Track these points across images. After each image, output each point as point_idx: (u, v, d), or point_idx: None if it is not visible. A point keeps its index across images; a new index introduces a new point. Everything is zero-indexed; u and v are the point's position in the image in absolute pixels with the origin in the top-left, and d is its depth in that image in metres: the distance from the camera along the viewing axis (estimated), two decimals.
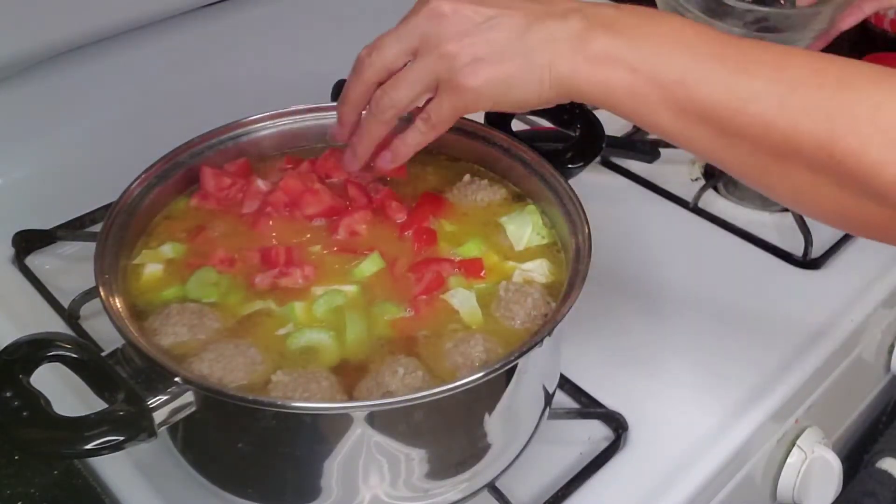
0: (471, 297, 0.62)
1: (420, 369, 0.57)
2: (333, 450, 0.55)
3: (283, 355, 0.58)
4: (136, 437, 0.50)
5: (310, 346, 0.59)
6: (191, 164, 0.69)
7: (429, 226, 0.68)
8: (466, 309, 0.62)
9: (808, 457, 0.80)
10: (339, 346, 0.59)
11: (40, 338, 0.52)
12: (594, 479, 0.66)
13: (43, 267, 0.83)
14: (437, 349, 0.59)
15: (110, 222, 0.62)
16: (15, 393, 0.49)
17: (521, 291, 0.62)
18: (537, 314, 0.61)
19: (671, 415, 0.72)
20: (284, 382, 0.55)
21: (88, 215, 0.87)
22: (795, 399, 0.76)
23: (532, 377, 0.61)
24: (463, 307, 0.62)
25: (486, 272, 0.65)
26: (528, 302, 0.61)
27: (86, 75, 0.91)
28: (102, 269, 0.59)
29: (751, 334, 0.79)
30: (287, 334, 0.59)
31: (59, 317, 0.77)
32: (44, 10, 0.82)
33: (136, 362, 0.52)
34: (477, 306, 0.62)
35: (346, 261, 0.65)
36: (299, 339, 0.59)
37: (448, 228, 0.69)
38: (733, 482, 0.74)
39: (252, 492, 0.59)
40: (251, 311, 0.61)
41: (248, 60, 1.03)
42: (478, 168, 0.74)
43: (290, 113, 0.73)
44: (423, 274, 0.64)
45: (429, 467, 0.57)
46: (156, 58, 0.95)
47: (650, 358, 0.77)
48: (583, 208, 0.64)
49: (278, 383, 0.55)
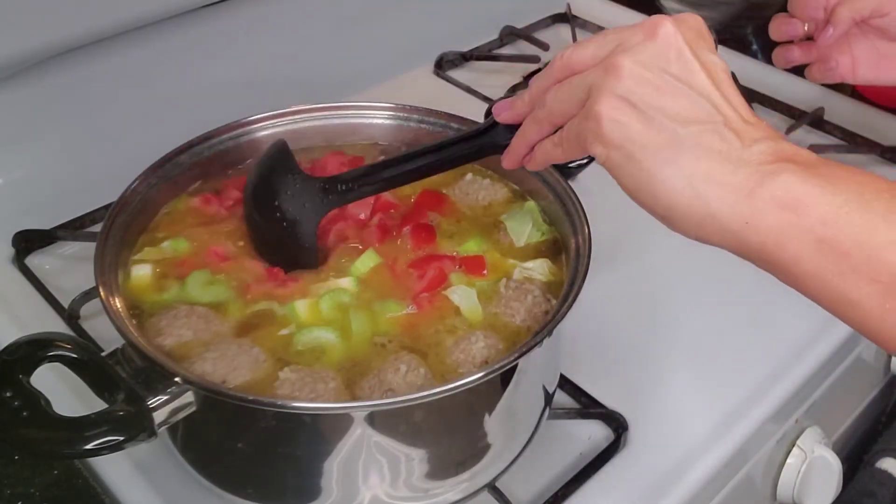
0: (472, 294, 0.63)
1: (422, 367, 0.57)
2: (333, 450, 0.55)
3: (287, 354, 0.58)
4: (136, 437, 0.50)
5: (316, 345, 0.59)
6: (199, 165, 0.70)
7: (427, 222, 0.68)
8: (467, 306, 0.62)
9: (807, 457, 0.80)
10: (344, 344, 0.59)
11: (40, 338, 0.52)
12: (594, 479, 0.66)
13: (43, 267, 0.83)
14: (439, 346, 0.59)
15: (110, 222, 0.62)
16: (15, 393, 0.49)
17: (522, 289, 0.62)
18: (538, 311, 0.61)
19: (671, 415, 0.72)
20: (292, 380, 0.55)
21: (88, 215, 0.87)
22: (795, 399, 0.76)
23: (532, 377, 0.61)
24: (464, 304, 0.62)
25: (487, 270, 0.65)
26: (528, 299, 0.62)
27: (86, 75, 0.91)
28: (102, 269, 0.59)
29: (751, 334, 0.79)
30: (291, 334, 0.60)
31: (59, 317, 0.77)
32: (44, 10, 0.82)
33: (136, 362, 0.52)
34: (478, 303, 0.62)
35: (342, 255, 0.66)
36: (304, 338, 0.59)
37: (448, 226, 0.69)
38: (733, 482, 0.74)
39: (252, 492, 0.59)
40: (254, 311, 0.61)
41: (248, 60, 1.03)
42: (479, 167, 0.74)
43: (290, 113, 0.73)
44: (426, 270, 0.64)
45: (429, 467, 0.57)
46: (155, 58, 0.95)
47: (650, 358, 0.77)
48: (583, 208, 0.64)
49: (286, 381, 0.55)
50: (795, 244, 0.46)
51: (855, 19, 0.81)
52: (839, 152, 1.02)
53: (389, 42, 1.13)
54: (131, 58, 0.94)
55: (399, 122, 0.75)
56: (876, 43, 0.84)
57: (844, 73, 0.85)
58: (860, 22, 0.82)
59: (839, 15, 0.81)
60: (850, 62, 0.85)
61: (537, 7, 1.27)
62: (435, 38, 1.17)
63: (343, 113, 0.75)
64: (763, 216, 0.47)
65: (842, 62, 0.85)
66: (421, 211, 0.69)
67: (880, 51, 0.84)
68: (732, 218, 0.47)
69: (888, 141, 1.03)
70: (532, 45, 1.19)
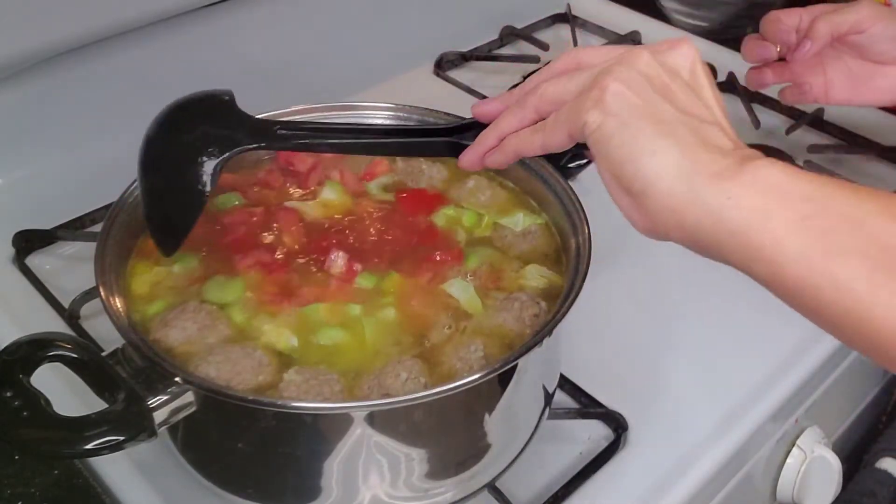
0: (469, 287, 0.63)
1: (422, 376, 0.57)
2: (333, 450, 0.55)
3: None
4: (136, 437, 0.50)
5: (331, 344, 0.59)
6: None
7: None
8: (466, 298, 0.62)
9: (807, 457, 0.80)
10: (357, 346, 0.59)
11: (40, 338, 0.52)
12: (594, 479, 0.66)
13: (43, 267, 0.83)
14: (438, 344, 0.60)
15: (110, 222, 0.62)
16: (15, 393, 0.49)
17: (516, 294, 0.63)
18: (528, 314, 0.61)
19: (671, 415, 0.72)
20: (297, 382, 0.55)
21: (88, 215, 0.87)
22: (795, 399, 0.76)
23: (532, 377, 0.61)
24: (462, 296, 0.63)
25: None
26: (522, 299, 0.62)
27: (86, 75, 0.91)
28: (102, 269, 0.59)
29: (751, 334, 0.79)
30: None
31: (59, 317, 0.77)
32: (44, 10, 0.82)
33: (136, 362, 0.52)
34: (476, 295, 0.63)
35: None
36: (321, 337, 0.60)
37: (444, 220, 0.69)
38: (733, 482, 0.74)
39: (252, 492, 0.59)
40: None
41: (248, 60, 1.03)
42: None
43: (290, 113, 0.73)
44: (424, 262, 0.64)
45: (429, 467, 0.57)
46: (155, 58, 0.95)
47: (650, 358, 0.77)
48: (583, 208, 0.64)
49: (290, 382, 0.55)
50: (779, 220, 0.45)
51: (833, 35, 0.81)
52: (839, 152, 1.02)
53: (389, 42, 1.13)
54: (131, 58, 0.94)
55: (399, 122, 0.75)
56: (850, 64, 0.84)
57: (818, 95, 0.85)
58: (837, 39, 0.82)
59: (818, 30, 0.81)
60: (824, 84, 0.85)
61: (537, 7, 1.27)
62: (435, 38, 1.17)
63: (343, 113, 0.75)
64: (747, 191, 0.46)
65: (815, 84, 0.85)
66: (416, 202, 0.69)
67: (854, 72, 0.84)
68: (714, 194, 0.46)
69: (888, 141, 1.03)
70: (532, 45, 1.19)
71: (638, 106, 0.49)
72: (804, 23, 0.82)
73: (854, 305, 0.44)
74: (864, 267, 0.43)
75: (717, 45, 1.19)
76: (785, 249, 0.45)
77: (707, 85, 0.52)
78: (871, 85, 0.84)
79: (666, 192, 0.47)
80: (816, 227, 0.44)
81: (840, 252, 0.44)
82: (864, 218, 0.44)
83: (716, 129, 0.50)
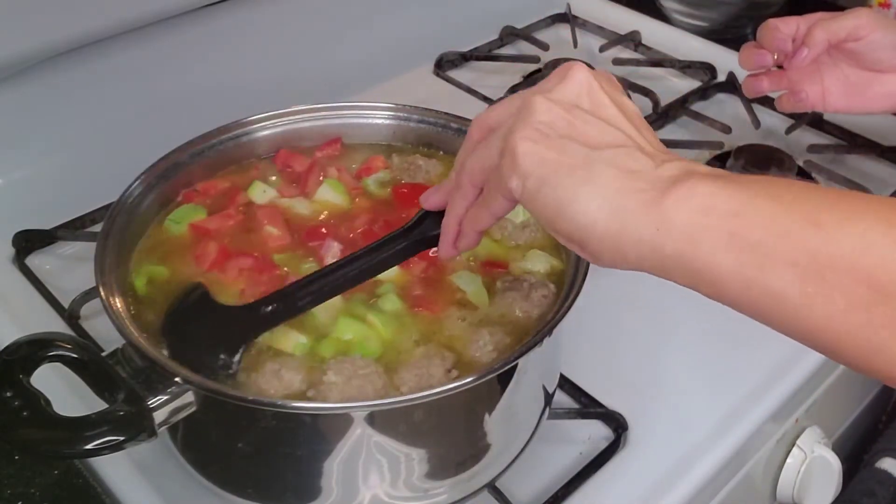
0: (476, 279, 0.64)
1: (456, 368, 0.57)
2: (333, 450, 0.55)
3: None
4: (136, 437, 0.50)
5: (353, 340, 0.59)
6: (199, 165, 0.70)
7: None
8: (472, 289, 0.63)
9: (807, 457, 0.80)
10: (378, 340, 0.60)
11: (40, 338, 0.52)
12: (594, 479, 0.66)
13: (43, 267, 0.83)
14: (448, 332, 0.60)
15: (110, 222, 0.62)
16: (15, 393, 0.49)
17: (521, 279, 0.63)
18: (537, 295, 0.62)
19: (671, 415, 0.72)
20: (339, 385, 0.55)
21: (88, 215, 0.87)
22: (795, 399, 0.76)
23: (532, 377, 0.61)
24: (469, 287, 0.63)
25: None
26: (529, 285, 0.62)
27: (86, 75, 0.91)
28: (102, 269, 0.59)
29: (751, 334, 0.78)
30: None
31: (59, 317, 0.77)
32: (44, 10, 0.82)
33: (136, 362, 0.52)
34: (482, 287, 0.63)
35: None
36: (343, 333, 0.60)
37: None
38: (733, 482, 0.74)
39: (252, 492, 0.59)
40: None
41: (248, 60, 1.03)
42: None
43: (290, 113, 0.74)
44: None
45: (429, 467, 0.57)
46: (156, 58, 0.95)
47: (650, 358, 0.77)
48: None
49: (332, 385, 0.55)
50: (708, 242, 0.45)
51: (830, 41, 0.81)
52: (839, 152, 1.02)
53: (389, 42, 1.13)
54: (131, 58, 0.94)
55: (399, 122, 0.75)
56: (846, 72, 0.84)
57: (815, 102, 0.85)
58: (834, 46, 0.82)
59: (814, 37, 0.81)
60: (821, 92, 0.85)
61: (537, 7, 1.27)
62: (435, 38, 1.17)
63: (343, 113, 0.75)
64: (673, 219, 0.45)
65: (812, 92, 0.85)
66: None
67: (850, 80, 0.84)
68: (645, 225, 0.46)
69: (888, 141, 1.03)
70: (532, 45, 1.20)
71: (550, 159, 0.48)
72: (801, 30, 0.82)
73: (794, 313, 0.44)
74: (794, 275, 0.43)
75: (717, 45, 1.19)
76: (719, 268, 0.45)
77: (609, 104, 0.51)
78: (869, 93, 0.84)
79: (601, 235, 0.47)
80: (745, 242, 0.44)
81: (771, 264, 0.44)
82: (790, 231, 0.44)
83: (632, 151, 0.49)
